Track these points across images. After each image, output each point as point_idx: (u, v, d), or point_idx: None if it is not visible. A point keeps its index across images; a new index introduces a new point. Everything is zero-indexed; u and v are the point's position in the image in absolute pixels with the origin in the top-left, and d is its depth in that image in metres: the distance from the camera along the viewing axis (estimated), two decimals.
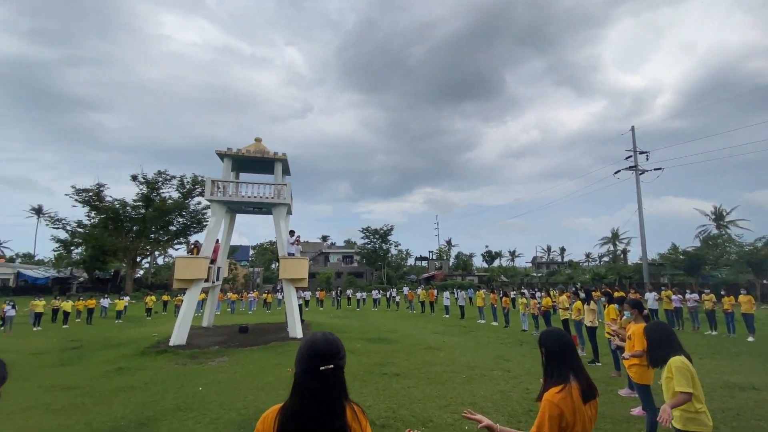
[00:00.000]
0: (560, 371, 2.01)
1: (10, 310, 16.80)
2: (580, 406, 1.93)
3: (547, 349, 2.10)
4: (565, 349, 2.06)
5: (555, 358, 2.06)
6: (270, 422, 1.38)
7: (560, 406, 1.90)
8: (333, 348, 1.45)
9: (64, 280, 43.62)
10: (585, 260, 76.89)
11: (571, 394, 1.93)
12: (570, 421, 1.89)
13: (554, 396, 1.93)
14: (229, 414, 5.65)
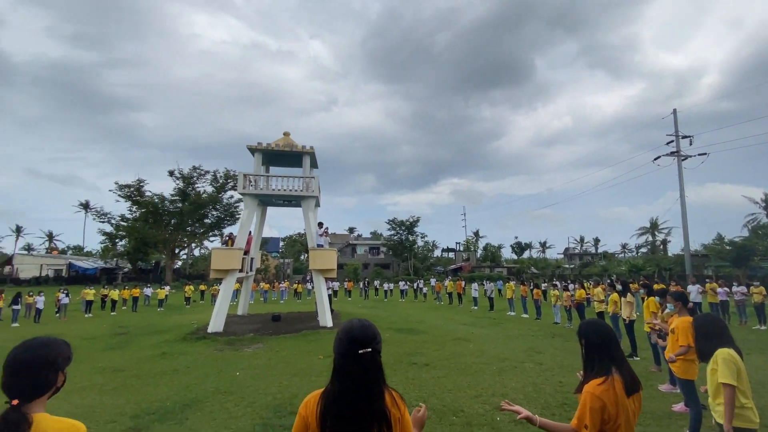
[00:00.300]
0: (601, 363, 1.96)
1: (64, 298, 18.17)
2: (623, 399, 1.88)
3: (587, 341, 2.05)
4: (607, 341, 2.00)
5: (595, 349, 2.01)
6: (312, 406, 1.43)
7: (602, 398, 1.86)
8: (369, 333, 1.49)
9: (110, 271, 46.62)
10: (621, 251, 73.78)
11: (614, 386, 1.89)
12: (612, 414, 1.85)
13: (595, 388, 1.89)
14: (265, 398, 5.90)
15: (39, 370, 1.38)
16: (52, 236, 70.59)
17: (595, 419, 1.85)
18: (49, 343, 1.46)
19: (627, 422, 1.89)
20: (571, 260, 70.26)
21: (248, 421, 4.98)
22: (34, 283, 39.46)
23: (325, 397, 1.41)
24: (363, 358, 1.42)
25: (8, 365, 1.37)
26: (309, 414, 1.42)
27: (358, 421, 1.36)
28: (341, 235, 66.88)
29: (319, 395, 1.44)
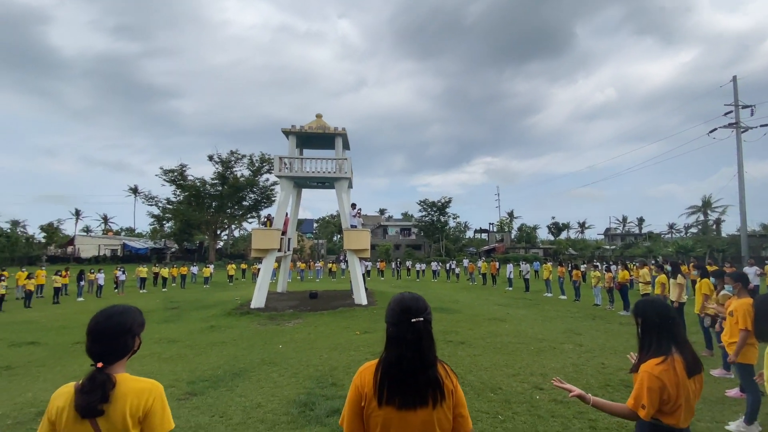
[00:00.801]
0: (660, 343, 1.89)
1: (121, 275, 19.74)
2: (683, 380, 1.82)
3: (644, 320, 1.98)
4: (666, 320, 1.93)
5: (654, 329, 1.94)
6: (368, 375, 1.49)
7: (661, 378, 1.80)
8: (421, 304, 1.53)
9: (159, 250, 49.94)
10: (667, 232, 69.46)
11: (674, 366, 1.83)
12: (672, 395, 1.80)
13: (654, 368, 1.84)
14: (308, 369, 6.20)
15: (118, 336, 1.52)
16: (107, 219, 76.20)
17: (653, 399, 1.80)
18: (125, 311, 1.60)
19: (687, 403, 1.83)
20: (612, 241, 67.09)
21: (293, 390, 5.27)
22: (93, 261, 43.07)
23: (381, 366, 1.46)
24: (415, 326, 1.46)
25: (91, 332, 1.51)
26: (365, 384, 1.47)
27: (413, 387, 1.41)
28: (372, 216, 67.37)
29: (374, 365, 1.50)
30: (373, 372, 1.47)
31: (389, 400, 1.41)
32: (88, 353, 1.50)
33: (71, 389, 1.45)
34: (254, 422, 4.25)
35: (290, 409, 4.58)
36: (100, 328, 1.51)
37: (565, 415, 4.25)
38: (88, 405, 1.38)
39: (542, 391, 5.03)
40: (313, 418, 4.30)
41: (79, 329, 10.24)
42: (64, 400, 1.44)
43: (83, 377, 1.46)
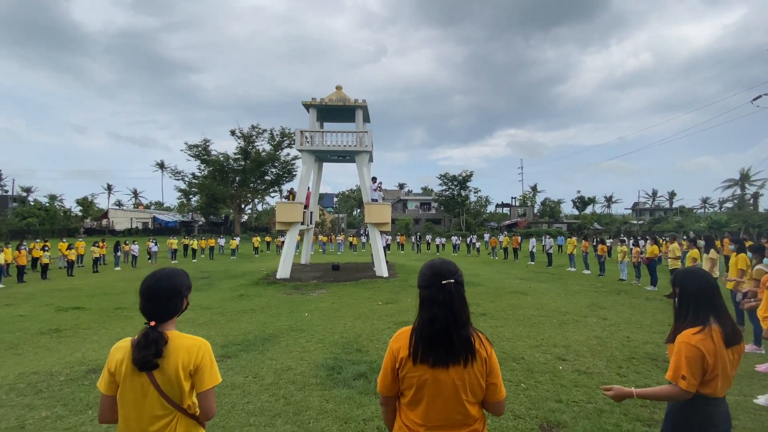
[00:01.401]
0: (697, 313, 1.85)
1: (153, 246, 20.71)
2: (722, 350, 1.79)
3: (682, 289, 1.94)
4: (705, 290, 1.88)
5: (691, 299, 1.90)
6: (403, 340, 1.54)
7: (699, 347, 1.77)
8: (452, 267, 1.56)
9: (187, 223, 51.84)
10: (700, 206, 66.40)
11: (712, 336, 1.79)
12: (710, 364, 1.77)
13: (691, 338, 1.80)
14: (333, 336, 6.44)
15: (169, 298, 1.62)
16: (137, 193, 79.18)
17: (694, 368, 1.77)
18: (174, 274, 1.69)
19: (725, 373, 1.80)
20: (640, 216, 64.78)
21: (320, 354, 5.51)
22: (126, 233, 45.20)
23: (419, 324, 1.51)
24: (447, 287, 1.49)
25: (144, 293, 1.61)
26: (401, 346, 1.52)
27: (446, 346, 1.45)
28: (392, 191, 67.18)
29: (410, 330, 1.54)
30: (409, 336, 1.52)
31: (423, 358, 1.46)
32: (141, 312, 1.61)
33: (128, 344, 1.57)
34: (285, 383, 4.49)
35: (318, 372, 4.81)
36: (152, 289, 1.60)
37: (589, 386, 4.28)
38: (144, 359, 1.50)
39: (565, 362, 5.07)
40: (341, 381, 4.50)
41: (118, 296, 10.92)
42: (122, 354, 1.56)
43: (138, 333, 1.57)
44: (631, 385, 4.29)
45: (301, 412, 3.76)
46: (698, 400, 1.82)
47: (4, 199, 53.68)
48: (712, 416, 1.82)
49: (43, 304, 9.79)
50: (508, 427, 3.40)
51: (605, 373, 4.67)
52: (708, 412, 1.83)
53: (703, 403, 1.83)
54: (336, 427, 3.46)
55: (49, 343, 6.44)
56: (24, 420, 3.67)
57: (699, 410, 1.83)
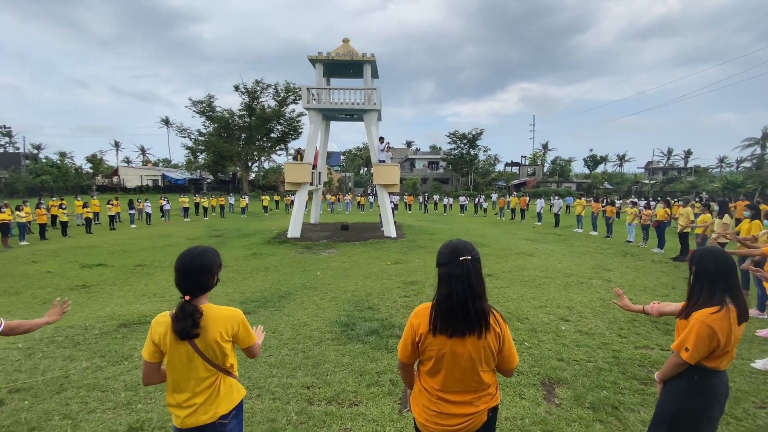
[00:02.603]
0: (712, 293, 1.92)
1: (166, 204, 21.10)
2: (735, 328, 1.88)
3: (698, 268, 1.99)
4: (724, 270, 1.93)
5: (707, 278, 1.95)
6: (423, 314, 1.66)
7: (713, 327, 1.86)
8: (468, 245, 1.67)
9: (196, 181, 52.20)
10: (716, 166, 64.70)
11: (728, 316, 1.87)
12: (722, 342, 1.87)
13: (708, 317, 1.88)
14: (345, 294, 6.74)
15: (202, 275, 1.76)
16: (144, 150, 79.12)
17: (700, 346, 1.87)
18: (206, 252, 1.82)
19: (733, 350, 1.92)
20: (653, 175, 63.50)
21: (333, 312, 5.81)
22: (137, 191, 45.83)
23: (438, 298, 1.62)
24: (464, 264, 1.59)
25: (179, 270, 1.75)
26: (421, 322, 1.65)
27: (463, 317, 1.57)
28: (399, 149, 66.15)
29: (429, 306, 1.66)
30: (428, 311, 1.64)
31: (442, 330, 1.58)
32: (177, 287, 1.76)
33: (168, 318, 1.73)
34: (303, 338, 4.80)
35: (333, 328, 5.11)
36: (186, 267, 1.74)
37: (590, 345, 4.51)
38: (183, 329, 1.67)
39: (568, 322, 5.30)
40: (354, 337, 4.79)
41: (137, 253, 11.35)
42: (164, 327, 1.72)
43: (176, 307, 1.71)
44: (630, 345, 4.53)
45: (319, 365, 4.06)
46: (703, 373, 1.94)
47: (17, 157, 54.15)
48: (715, 387, 1.95)
49: (68, 261, 10.25)
50: (512, 383, 3.66)
51: (606, 333, 4.89)
52: (712, 384, 1.95)
53: (708, 375, 1.95)
54: (352, 379, 3.76)
55: (78, 298, 6.84)
56: (68, 370, 4.03)
57: (704, 382, 1.96)
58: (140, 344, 4.69)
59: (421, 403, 1.69)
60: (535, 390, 3.55)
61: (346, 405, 3.34)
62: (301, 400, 3.41)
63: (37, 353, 4.46)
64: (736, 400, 3.36)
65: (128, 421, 3.09)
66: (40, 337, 4.92)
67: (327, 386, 3.64)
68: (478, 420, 1.64)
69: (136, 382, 3.76)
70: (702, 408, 1.94)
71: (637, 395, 3.44)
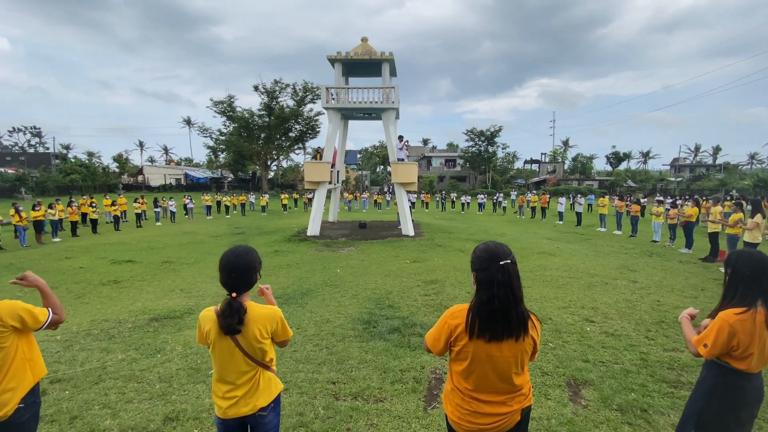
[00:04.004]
0: (745, 295, 1.90)
1: (189, 202, 21.66)
2: (761, 331, 1.85)
3: (734, 270, 1.97)
4: (758, 273, 1.89)
5: (742, 280, 1.93)
6: (461, 316, 1.66)
7: (735, 326, 1.85)
8: (506, 248, 1.66)
9: (217, 180, 53.39)
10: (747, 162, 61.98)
11: (755, 318, 1.85)
12: (744, 342, 1.85)
13: (731, 316, 1.87)
14: (365, 292, 6.80)
15: (246, 273, 1.84)
16: (167, 149, 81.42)
17: (718, 343, 1.88)
18: (248, 251, 1.90)
19: (762, 352, 1.87)
20: (679, 172, 61.26)
21: (355, 309, 5.88)
22: (161, 189, 47.21)
23: (478, 301, 1.62)
24: (505, 268, 1.59)
25: (225, 269, 1.83)
26: (459, 323, 1.65)
27: (503, 322, 1.57)
28: (416, 147, 65.80)
29: (466, 308, 1.66)
30: (466, 313, 1.65)
31: (480, 334, 1.59)
32: (223, 285, 1.84)
33: (213, 314, 1.82)
34: (326, 335, 4.89)
35: (355, 325, 5.18)
36: (232, 266, 1.82)
37: (616, 347, 4.43)
38: (229, 326, 1.76)
39: (593, 323, 5.21)
40: (377, 335, 4.85)
41: (163, 250, 11.73)
42: (211, 323, 1.82)
43: (222, 303, 1.79)
44: (659, 348, 4.43)
45: (343, 362, 4.13)
46: (732, 374, 1.92)
47: (47, 156, 56.54)
48: (744, 389, 1.93)
49: (99, 257, 10.68)
50: (537, 383, 3.63)
51: (633, 335, 4.79)
52: (740, 386, 1.93)
53: (736, 377, 1.93)
54: (376, 376, 3.81)
55: (111, 293, 7.14)
56: (104, 362, 4.22)
57: (732, 383, 1.94)
58: (171, 338, 4.88)
59: (455, 402, 1.71)
60: (560, 391, 3.52)
61: (372, 401, 3.39)
62: (328, 395, 3.49)
63: (75, 345, 4.69)
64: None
65: (164, 412, 3.22)
66: (77, 330, 5.17)
67: (352, 382, 3.70)
68: (511, 420, 1.65)
69: (169, 374, 3.91)
70: (730, 409, 1.92)
71: (667, 398, 3.37)
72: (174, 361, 4.21)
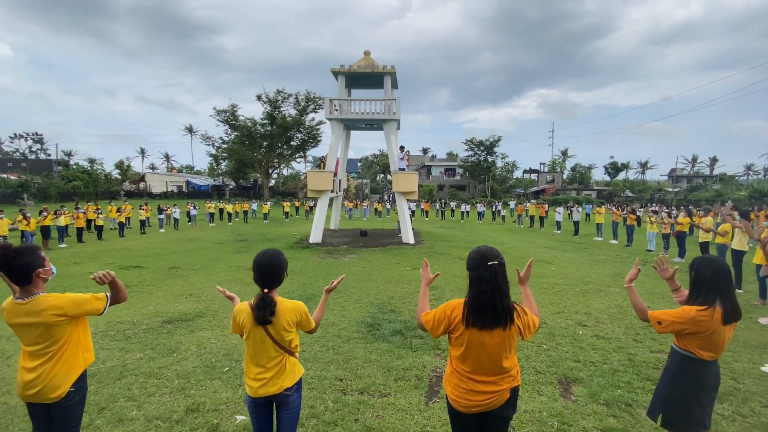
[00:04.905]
0: (707, 296, 2.18)
1: (193, 210, 21.97)
2: (717, 326, 2.14)
3: (696, 274, 2.26)
4: (718, 277, 2.18)
5: (703, 283, 2.21)
6: (458, 308, 1.96)
7: (695, 319, 2.14)
8: (495, 251, 1.97)
9: (219, 187, 53.77)
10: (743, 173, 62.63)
11: (713, 316, 2.14)
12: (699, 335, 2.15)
13: (693, 311, 2.16)
14: (368, 297, 7.07)
15: (276, 271, 2.16)
16: (168, 157, 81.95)
17: (672, 325, 2.20)
18: (278, 254, 2.21)
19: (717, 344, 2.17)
20: (677, 183, 61.84)
21: (359, 314, 6.14)
22: (163, 197, 47.54)
23: (470, 296, 1.92)
24: (492, 268, 1.89)
25: (258, 268, 2.15)
26: (456, 315, 1.95)
27: (492, 313, 1.87)
28: (416, 156, 66.46)
29: (462, 302, 1.97)
30: (462, 307, 1.95)
31: (474, 324, 1.89)
32: (256, 282, 2.16)
33: (247, 307, 2.13)
34: (332, 336, 5.15)
35: (360, 328, 5.44)
36: (264, 266, 2.14)
37: (606, 349, 4.70)
38: (263, 317, 2.06)
39: (585, 327, 5.49)
40: (380, 337, 5.11)
41: (169, 256, 11.99)
42: (245, 315, 2.13)
43: (255, 297, 2.09)
44: (646, 350, 4.70)
45: (349, 361, 4.40)
46: (693, 362, 2.21)
47: (49, 163, 56.93)
48: (704, 375, 2.22)
49: (106, 262, 10.94)
50: (530, 381, 3.90)
51: (622, 338, 5.07)
52: (700, 372, 2.23)
53: (697, 364, 2.22)
54: (381, 374, 4.07)
55: None
56: (124, 360, 4.48)
57: (693, 370, 2.23)
58: (185, 339, 5.14)
59: (453, 383, 2.00)
60: (552, 388, 3.79)
61: (377, 396, 3.66)
62: (336, 390, 3.75)
63: (95, 345, 4.91)
64: (744, 400, 3.53)
65: (185, 404, 3.48)
66: (95, 331, 5.41)
67: (358, 379, 3.96)
68: (501, 397, 1.94)
69: (186, 371, 4.17)
70: (692, 393, 2.21)
71: (650, 394, 3.61)
72: (190, 360, 4.47)
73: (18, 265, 2.05)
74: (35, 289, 2.12)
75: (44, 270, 2.17)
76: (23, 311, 2.06)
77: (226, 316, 6.10)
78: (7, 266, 2.06)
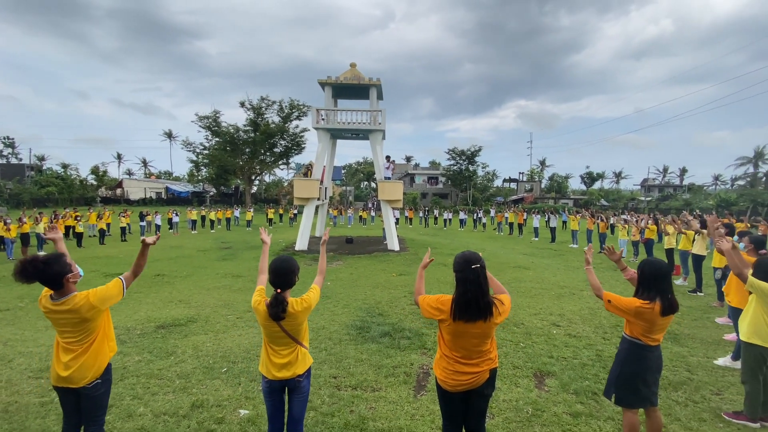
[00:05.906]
0: (649, 292, 2.62)
1: (175, 217, 21.72)
2: (656, 318, 2.58)
3: (641, 273, 2.71)
4: (658, 277, 2.62)
5: (646, 282, 2.66)
6: (447, 303, 2.31)
7: (638, 311, 2.58)
8: (477, 256, 2.33)
9: (199, 194, 52.91)
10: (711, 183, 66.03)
11: (653, 309, 2.58)
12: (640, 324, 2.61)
13: (637, 302, 2.60)
14: (356, 302, 7.35)
15: (287, 274, 2.48)
16: (146, 162, 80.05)
17: (618, 307, 2.66)
18: (290, 259, 2.53)
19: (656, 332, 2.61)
20: (649, 192, 64.65)
21: (348, 318, 6.42)
22: (141, 203, 46.47)
23: (457, 295, 2.27)
24: (475, 270, 2.25)
25: (274, 272, 2.46)
26: (446, 308, 2.30)
27: (475, 309, 2.22)
28: (399, 164, 67.32)
29: (451, 298, 2.32)
30: (450, 303, 2.30)
31: (460, 317, 2.24)
32: (271, 284, 2.46)
33: (263, 306, 2.42)
34: (323, 339, 5.42)
35: (350, 331, 5.73)
36: (279, 269, 2.45)
37: (577, 346, 5.15)
38: (276, 314, 2.37)
39: (559, 327, 5.94)
40: (369, 338, 5.41)
41: (153, 264, 11.93)
42: (262, 312, 2.44)
43: (271, 297, 2.39)
44: (612, 346, 5.17)
45: (341, 360, 4.68)
46: (639, 347, 2.64)
47: (21, 168, 54.81)
48: (648, 358, 2.65)
49: (90, 270, 10.82)
50: (509, 375, 4.28)
51: (592, 337, 5.53)
52: (645, 356, 2.66)
53: (642, 349, 2.65)
54: (371, 372, 4.38)
55: None
56: (124, 363, 4.63)
57: (639, 354, 2.66)
58: (180, 343, 5.31)
59: (442, 366, 2.35)
60: (528, 380, 4.18)
61: (369, 390, 3.96)
62: (330, 386, 4.03)
63: None
64: (696, 389, 4.01)
65: (189, 401, 3.70)
66: None
67: (351, 376, 4.25)
68: (482, 377, 2.30)
69: (186, 372, 4.36)
70: (638, 373, 2.64)
71: None
72: (188, 362, 4.66)
73: (48, 274, 2.27)
74: (67, 291, 2.36)
75: (72, 275, 2.41)
76: (59, 310, 2.30)
77: (219, 322, 6.28)
78: (38, 276, 2.27)
